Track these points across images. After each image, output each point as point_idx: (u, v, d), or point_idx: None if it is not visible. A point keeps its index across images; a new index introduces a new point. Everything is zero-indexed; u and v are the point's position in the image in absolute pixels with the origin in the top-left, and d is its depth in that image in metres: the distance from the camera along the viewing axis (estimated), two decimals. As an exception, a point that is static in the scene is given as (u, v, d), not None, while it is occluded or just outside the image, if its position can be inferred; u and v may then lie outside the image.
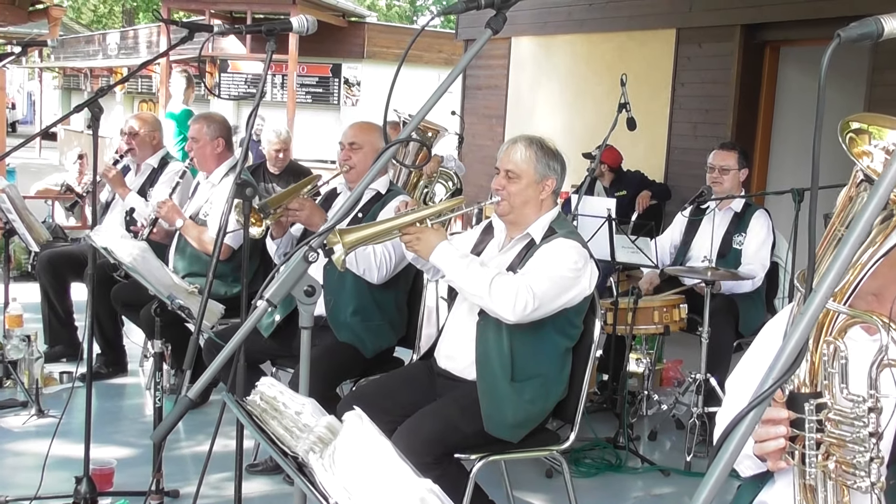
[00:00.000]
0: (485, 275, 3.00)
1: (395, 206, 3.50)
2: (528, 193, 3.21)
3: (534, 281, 3.01)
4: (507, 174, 3.22)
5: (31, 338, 4.99)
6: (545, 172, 3.21)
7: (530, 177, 3.20)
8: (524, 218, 3.25)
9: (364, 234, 2.91)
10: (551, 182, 3.23)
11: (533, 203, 3.23)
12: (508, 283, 2.99)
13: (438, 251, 3.04)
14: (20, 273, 7.79)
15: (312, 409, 1.63)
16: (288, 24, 2.86)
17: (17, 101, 40.70)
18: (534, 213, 3.24)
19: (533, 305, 2.97)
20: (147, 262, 3.29)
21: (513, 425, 3.13)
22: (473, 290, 3.02)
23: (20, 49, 5.14)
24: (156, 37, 21.32)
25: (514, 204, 3.22)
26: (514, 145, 3.27)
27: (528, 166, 3.20)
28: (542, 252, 3.14)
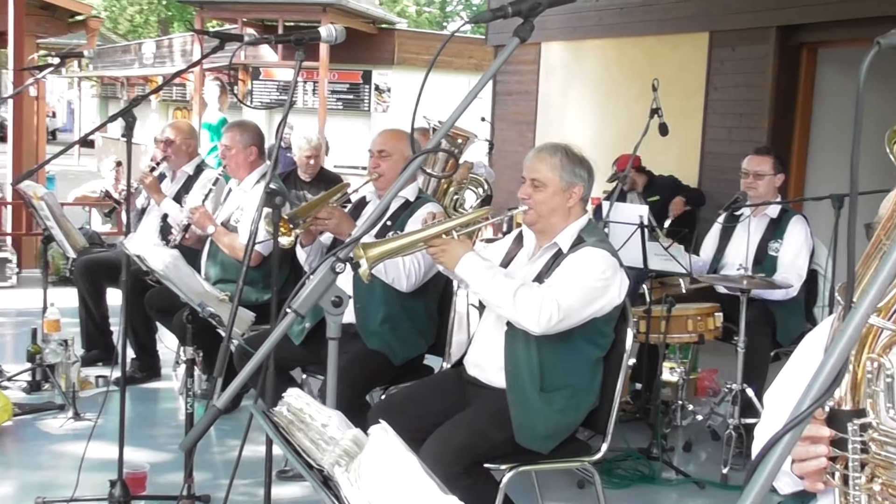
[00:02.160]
0: (509, 286, 2.98)
1: (422, 217, 3.49)
2: (555, 202, 3.17)
3: (559, 292, 2.97)
4: (532, 182, 3.19)
5: (68, 342, 5.05)
6: (571, 180, 3.18)
7: (556, 185, 3.16)
8: (552, 227, 3.22)
9: (388, 247, 2.89)
10: (578, 189, 3.19)
11: (560, 211, 3.20)
12: (533, 295, 2.96)
13: (463, 262, 3.01)
14: (58, 278, 7.88)
15: (339, 421, 1.62)
16: (316, 34, 2.86)
17: (57, 109, 41.26)
18: (562, 221, 3.21)
19: (558, 317, 2.94)
20: (178, 269, 3.31)
21: (543, 436, 3.10)
22: (498, 301, 3.00)
23: (59, 60, 5.19)
24: (190, 45, 21.51)
25: (541, 212, 3.19)
26: (540, 153, 3.24)
27: (553, 174, 3.17)
28: (569, 262, 3.10)
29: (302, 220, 3.71)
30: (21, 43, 8.33)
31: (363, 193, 4.25)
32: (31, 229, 8.28)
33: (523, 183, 3.25)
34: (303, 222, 3.72)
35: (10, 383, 5.11)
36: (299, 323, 3.82)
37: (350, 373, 3.42)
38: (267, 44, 3.12)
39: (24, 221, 8.40)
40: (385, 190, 3.96)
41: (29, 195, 4.95)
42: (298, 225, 3.69)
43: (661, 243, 4.76)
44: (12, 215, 8.64)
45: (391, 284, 3.76)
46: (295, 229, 3.69)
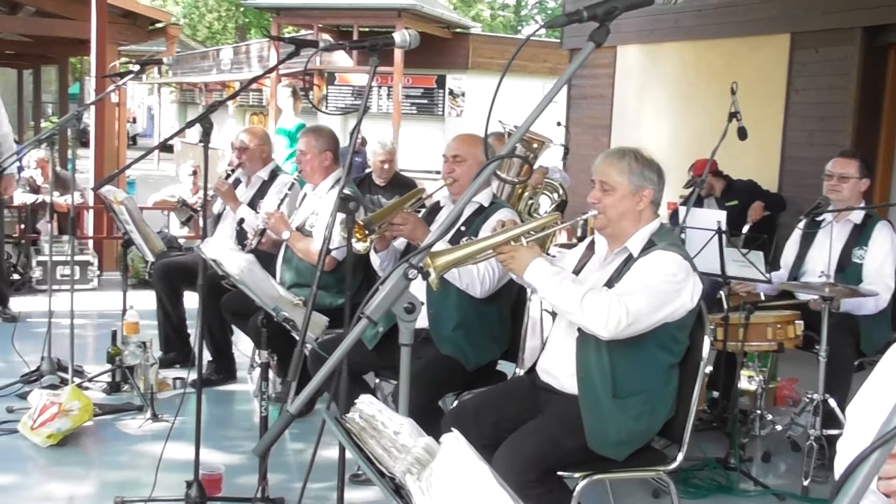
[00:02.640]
0: (577, 291, 2.94)
1: (492, 225, 3.47)
2: (625, 205, 3.13)
3: (628, 296, 2.92)
4: (601, 186, 3.15)
5: (146, 344, 5.14)
6: (641, 183, 3.13)
7: (625, 188, 3.12)
8: (622, 231, 3.17)
9: (457, 255, 2.86)
10: (648, 192, 3.14)
11: (630, 215, 3.15)
12: (600, 299, 2.91)
13: (532, 268, 2.98)
14: (137, 281, 8.06)
15: (410, 429, 1.61)
16: (391, 40, 2.85)
17: (137, 115, 42.34)
18: (632, 225, 3.16)
19: (626, 321, 2.89)
20: (254, 274, 3.34)
21: (616, 442, 3.06)
22: (566, 306, 2.96)
23: (139, 67, 5.31)
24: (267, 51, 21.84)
25: (611, 217, 3.15)
26: (608, 157, 3.21)
27: (622, 177, 3.12)
28: (639, 265, 3.05)
29: (377, 226, 3.72)
30: (103, 50, 8.55)
31: (437, 198, 4.24)
32: (112, 233, 8.49)
33: (593, 187, 3.22)
34: (378, 228, 3.73)
35: (90, 384, 5.22)
36: (372, 328, 3.83)
37: (423, 378, 3.41)
38: (342, 49, 3.14)
39: (105, 225, 8.61)
40: (459, 195, 3.95)
41: (109, 200, 5.06)
42: (373, 230, 3.69)
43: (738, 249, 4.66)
44: (94, 219, 8.87)
45: (465, 290, 3.75)
46: (370, 235, 3.69)
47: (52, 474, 4.18)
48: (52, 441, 4.38)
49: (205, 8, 36.70)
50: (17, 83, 25.43)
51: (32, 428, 4.43)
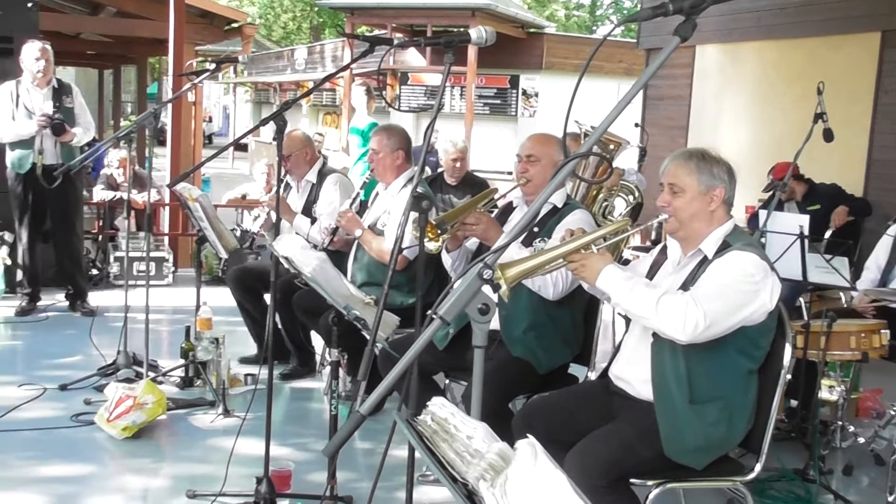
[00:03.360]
0: (651, 295, 2.86)
1: (561, 234, 3.40)
2: (695, 206, 3.05)
3: (704, 298, 2.84)
4: (670, 189, 3.08)
5: (219, 340, 5.19)
6: (711, 183, 3.04)
7: (695, 189, 3.04)
8: (695, 233, 3.09)
9: (527, 266, 2.79)
10: (719, 192, 3.05)
11: (702, 216, 3.07)
12: (676, 302, 2.83)
13: (604, 276, 2.92)
14: (211, 278, 8.16)
15: (484, 433, 1.56)
16: (466, 36, 2.82)
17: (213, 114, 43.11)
18: (705, 227, 3.07)
19: (704, 324, 2.80)
20: (325, 272, 3.33)
21: (694, 449, 2.97)
22: (640, 311, 2.89)
23: (215, 66, 5.36)
24: (341, 51, 22.04)
25: (682, 219, 3.07)
26: (675, 158, 3.12)
27: (691, 178, 3.04)
28: (715, 266, 2.96)
29: (449, 226, 3.69)
30: (181, 50, 8.69)
31: (510, 199, 4.19)
32: (187, 230, 8.62)
33: (661, 190, 3.14)
34: (450, 227, 3.69)
35: (164, 378, 5.29)
36: (444, 328, 3.79)
37: (494, 380, 3.36)
38: (416, 47, 3.11)
39: (180, 222, 8.75)
40: (533, 195, 3.90)
41: (185, 197, 5.11)
42: (445, 230, 3.66)
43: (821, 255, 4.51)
44: (169, 216, 9.01)
45: (537, 292, 3.69)
46: (442, 234, 3.66)
47: (127, 466, 4.24)
48: (127, 433, 4.45)
49: (280, 8, 37.18)
50: (98, 83, 26.10)
51: (108, 420, 4.50)
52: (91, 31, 16.14)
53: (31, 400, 4.94)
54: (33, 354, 5.93)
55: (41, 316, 6.78)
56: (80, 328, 6.28)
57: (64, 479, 4.04)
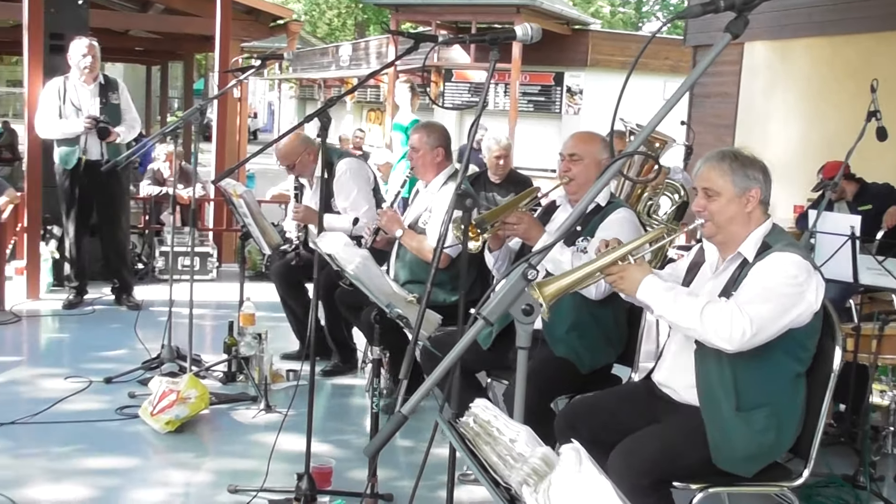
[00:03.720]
0: (694, 305, 2.80)
1: (596, 246, 3.34)
2: (732, 209, 2.97)
3: (749, 304, 2.77)
4: (705, 193, 3.01)
5: (261, 336, 5.21)
6: (746, 184, 2.96)
7: (730, 191, 2.96)
8: (733, 236, 3.01)
9: (565, 283, 2.68)
10: (755, 192, 2.97)
11: (739, 219, 2.99)
12: (721, 311, 2.77)
13: (644, 287, 2.85)
14: (254, 273, 8.21)
15: (527, 437, 1.54)
16: (512, 33, 2.78)
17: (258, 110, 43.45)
18: (743, 229, 3.00)
19: (751, 331, 2.74)
20: (368, 270, 3.32)
21: (744, 458, 2.92)
22: (685, 323, 2.82)
23: (260, 62, 5.38)
24: (385, 48, 22.07)
25: (719, 223, 3.00)
26: (707, 161, 3.05)
27: (724, 181, 2.97)
28: (757, 270, 2.89)
29: (489, 225, 3.65)
30: (226, 46, 8.74)
31: (553, 198, 4.15)
32: (231, 225, 8.67)
33: (695, 195, 3.08)
34: (490, 227, 3.66)
35: (207, 373, 5.33)
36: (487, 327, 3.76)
37: (536, 379, 3.32)
38: (461, 44, 3.08)
39: (224, 218, 8.81)
40: (576, 195, 3.85)
41: (229, 193, 5.14)
42: (486, 229, 3.63)
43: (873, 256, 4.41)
44: (214, 212, 9.08)
45: (580, 292, 3.64)
46: (482, 234, 3.63)
47: (170, 460, 4.27)
48: (170, 427, 4.48)
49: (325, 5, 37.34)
50: (145, 79, 26.42)
51: (152, 414, 4.54)
52: (139, 27, 16.36)
53: (77, 392, 5.00)
54: (80, 347, 6.00)
55: (87, 309, 6.87)
56: (125, 322, 6.35)
57: (108, 472, 4.08)
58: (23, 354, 6.01)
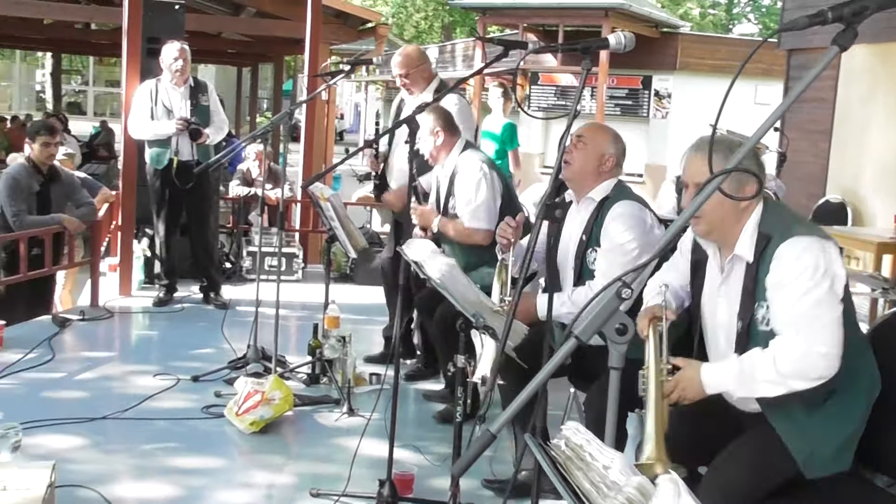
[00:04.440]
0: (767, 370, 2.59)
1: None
2: (726, 207, 2.74)
3: (807, 333, 2.55)
4: (696, 189, 2.81)
5: (345, 339, 5.23)
6: (738, 176, 2.72)
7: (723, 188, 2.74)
8: (728, 234, 2.80)
9: (657, 433, 2.52)
10: (750, 189, 2.75)
11: (732, 216, 2.78)
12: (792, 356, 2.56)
13: (709, 382, 2.68)
14: (339, 275, 8.27)
15: (622, 464, 1.49)
16: (605, 42, 2.73)
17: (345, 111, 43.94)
18: (737, 225, 2.78)
19: (826, 355, 2.55)
20: (454, 278, 3.29)
21: (834, 455, 2.72)
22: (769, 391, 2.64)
23: (349, 67, 5.42)
24: (472, 50, 22.03)
25: (712, 221, 2.79)
26: (693, 154, 2.86)
27: None
28: (777, 289, 2.65)
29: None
30: (316, 49, 8.82)
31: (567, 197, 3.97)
32: (317, 227, 8.75)
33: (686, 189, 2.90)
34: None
35: (291, 374, 5.37)
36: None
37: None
38: (552, 52, 3.03)
39: (311, 219, 8.89)
40: (571, 181, 3.75)
41: (316, 196, 5.17)
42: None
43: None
44: (301, 213, 9.18)
45: None
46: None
47: (254, 461, 4.31)
48: (254, 428, 4.52)
49: (412, 7, 37.55)
50: (236, 80, 26.96)
51: (237, 414, 4.59)
52: (232, 30, 16.69)
53: (165, 390, 5.10)
54: (169, 344, 6.13)
55: (176, 307, 7.01)
56: (212, 320, 6.46)
57: (193, 472, 4.14)
58: (114, 350, 6.16)
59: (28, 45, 27.11)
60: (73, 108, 42.10)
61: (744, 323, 2.77)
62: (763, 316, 2.73)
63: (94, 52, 30.95)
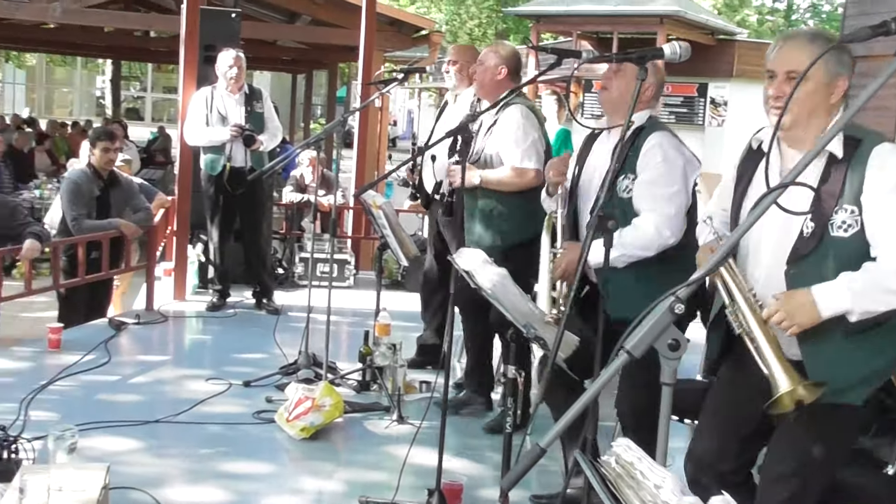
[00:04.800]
0: (885, 279, 2.44)
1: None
2: (818, 98, 2.60)
3: None
4: (787, 76, 2.62)
5: (396, 346, 5.24)
6: (837, 70, 2.61)
7: (819, 76, 2.58)
8: (809, 131, 2.63)
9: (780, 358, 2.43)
10: (843, 82, 2.61)
11: (822, 110, 2.63)
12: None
13: (824, 307, 2.45)
14: (391, 282, 8.28)
15: (673, 484, 1.46)
16: (659, 52, 2.71)
17: (398, 118, 44.14)
18: (822, 122, 2.63)
19: None
20: (506, 288, 3.27)
21: (849, 385, 2.56)
22: (883, 302, 2.46)
23: (402, 76, 5.44)
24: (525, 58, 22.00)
25: (800, 114, 2.60)
26: (793, 40, 2.68)
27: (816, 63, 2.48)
28: (883, 185, 2.48)
29: None
30: (370, 57, 8.88)
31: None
32: (370, 233, 8.78)
33: (770, 79, 2.69)
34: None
35: (342, 381, 5.39)
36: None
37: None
38: (606, 62, 3.01)
39: (363, 226, 8.93)
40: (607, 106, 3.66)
41: (368, 204, 5.20)
42: None
43: None
44: (353, 219, 9.22)
45: None
46: None
47: (304, 468, 4.33)
48: (304, 434, 4.55)
49: (466, 14, 37.60)
50: (290, 87, 27.23)
51: (288, 420, 4.62)
52: (287, 38, 16.88)
53: (217, 395, 5.15)
54: (221, 349, 6.20)
55: (229, 312, 7.09)
56: (264, 326, 6.51)
57: (244, 477, 4.17)
58: (168, 354, 6.25)
59: (89, 52, 27.73)
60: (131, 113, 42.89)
61: (817, 225, 2.57)
62: (844, 221, 2.54)
63: (152, 59, 31.56)
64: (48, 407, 4.75)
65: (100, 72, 44.19)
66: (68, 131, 18.58)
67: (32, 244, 5.84)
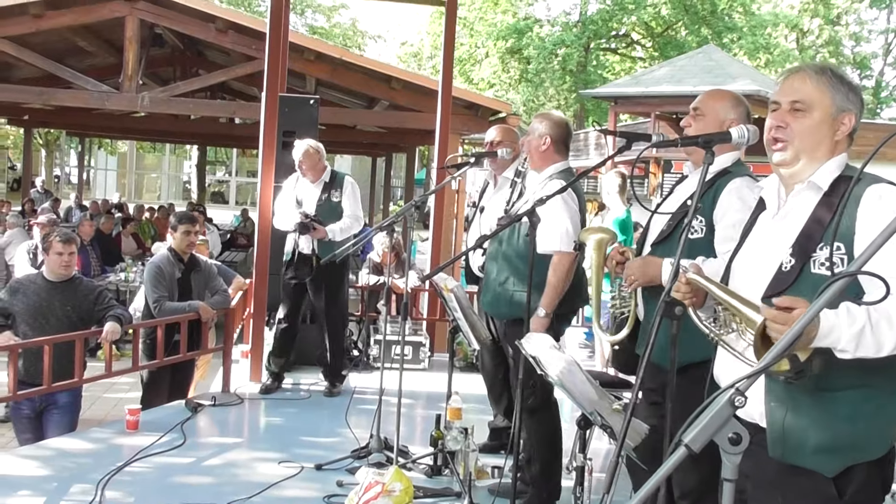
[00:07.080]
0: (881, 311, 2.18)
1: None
2: (822, 132, 2.52)
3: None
4: (792, 106, 2.54)
5: (468, 430, 5.18)
6: (844, 105, 2.53)
7: (826, 109, 2.51)
8: (808, 166, 2.53)
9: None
10: (849, 119, 2.54)
11: (825, 146, 2.54)
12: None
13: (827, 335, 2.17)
14: (465, 364, 8.24)
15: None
16: (726, 136, 2.69)
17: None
18: (824, 158, 2.54)
19: None
20: (573, 375, 3.23)
21: (814, 449, 2.33)
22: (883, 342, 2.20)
23: (474, 160, 5.50)
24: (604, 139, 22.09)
25: (802, 147, 2.52)
26: (801, 72, 2.58)
27: (822, 95, 2.51)
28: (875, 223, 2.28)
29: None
30: (445, 141, 9.01)
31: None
32: (444, 315, 8.77)
33: (774, 111, 2.60)
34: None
35: (413, 465, 5.34)
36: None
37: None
38: (673, 146, 2.99)
39: (437, 307, 8.94)
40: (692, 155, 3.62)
41: (440, 287, 5.21)
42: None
43: None
44: (428, 301, 9.25)
45: None
46: None
47: (371, 554, 4.28)
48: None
49: (544, 96, 38.02)
50: (370, 169, 27.78)
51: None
52: (366, 123, 17.27)
53: (289, 478, 5.14)
54: (294, 431, 6.21)
55: (303, 394, 7.13)
56: (336, 408, 6.52)
57: (313, 563, 4.14)
58: (242, 436, 6.30)
59: (176, 138, 28.81)
60: (216, 197, 44.21)
61: (797, 261, 2.44)
62: (826, 259, 2.37)
63: (236, 145, 32.65)
64: (124, 488, 4.81)
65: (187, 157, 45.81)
66: (155, 215, 19.20)
67: (113, 326, 5.99)
